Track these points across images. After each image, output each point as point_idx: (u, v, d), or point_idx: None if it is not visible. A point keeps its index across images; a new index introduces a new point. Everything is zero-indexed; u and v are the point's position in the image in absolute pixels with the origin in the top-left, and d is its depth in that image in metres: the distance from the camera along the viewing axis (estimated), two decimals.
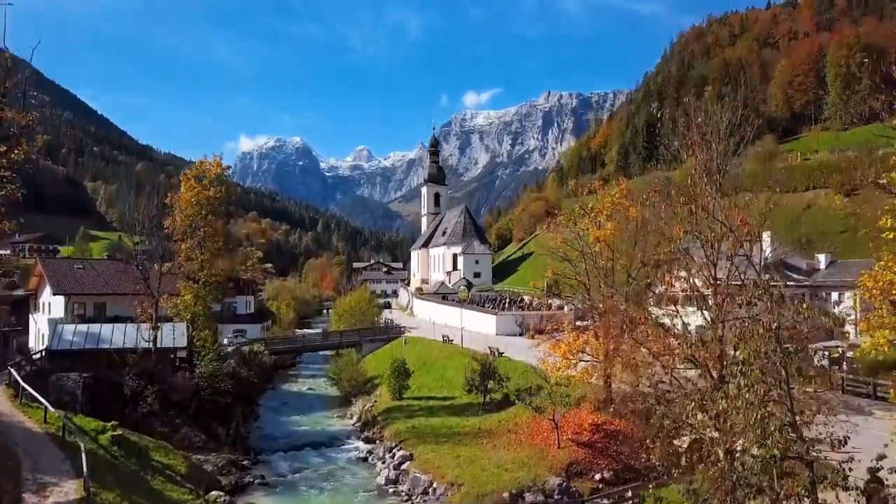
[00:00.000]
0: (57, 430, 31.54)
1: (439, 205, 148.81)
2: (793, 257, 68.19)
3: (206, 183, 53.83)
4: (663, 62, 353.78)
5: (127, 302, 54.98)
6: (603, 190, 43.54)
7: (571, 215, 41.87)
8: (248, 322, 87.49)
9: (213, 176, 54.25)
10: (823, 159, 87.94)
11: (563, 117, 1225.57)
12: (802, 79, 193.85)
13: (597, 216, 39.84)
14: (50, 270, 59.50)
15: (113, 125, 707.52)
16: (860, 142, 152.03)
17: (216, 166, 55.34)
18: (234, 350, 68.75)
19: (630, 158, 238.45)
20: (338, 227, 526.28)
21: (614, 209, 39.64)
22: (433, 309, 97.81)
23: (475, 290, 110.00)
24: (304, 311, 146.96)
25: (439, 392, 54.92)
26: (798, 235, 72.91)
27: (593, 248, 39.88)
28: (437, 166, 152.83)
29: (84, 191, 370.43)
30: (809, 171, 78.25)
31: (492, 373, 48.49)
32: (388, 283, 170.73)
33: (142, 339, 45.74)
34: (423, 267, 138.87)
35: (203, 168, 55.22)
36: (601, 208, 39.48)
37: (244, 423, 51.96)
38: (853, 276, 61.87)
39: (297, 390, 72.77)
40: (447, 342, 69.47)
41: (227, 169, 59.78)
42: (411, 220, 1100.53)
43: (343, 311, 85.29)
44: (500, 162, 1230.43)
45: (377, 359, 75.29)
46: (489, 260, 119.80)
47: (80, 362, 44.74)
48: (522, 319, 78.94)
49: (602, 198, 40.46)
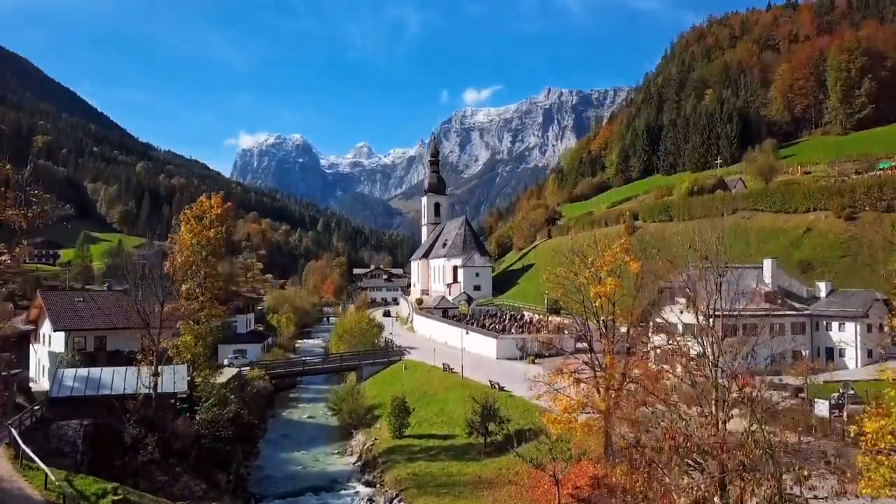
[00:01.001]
0: (58, 497, 31.54)
1: (439, 214, 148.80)
2: (793, 281, 68.21)
3: (207, 223, 53.63)
4: (664, 63, 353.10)
5: (127, 335, 55.04)
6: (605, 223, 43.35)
7: (572, 266, 41.66)
8: (248, 342, 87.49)
9: (213, 216, 54.02)
10: (822, 178, 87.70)
11: (563, 114, 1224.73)
12: (803, 83, 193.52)
13: (598, 271, 39.73)
14: (50, 304, 59.48)
15: (113, 123, 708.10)
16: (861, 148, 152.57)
17: (216, 206, 55.13)
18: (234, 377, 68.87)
19: (630, 162, 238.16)
20: (338, 226, 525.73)
21: (615, 264, 39.51)
22: (433, 326, 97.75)
23: (475, 305, 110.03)
24: (304, 321, 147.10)
25: (440, 429, 54.90)
26: (799, 258, 72.85)
27: (594, 304, 39.81)
28: (438, 176, 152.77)
29: (84, 192, 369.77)
30: (809, 192, 78.01)
31: (493, 414, 48.48)
32: (388, 290, 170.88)
33: (142, 385, 45.67)
34: (423, 278, 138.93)
35: (203, 208, 55.04)
36: (602, 263, 39.35)
37: (245, 463, 51.99)
38: (854, 307, 62.11)
39: (298, 418, 72.79)
40: (447, 371, 69.43)
41: (229, 208, 59.54)
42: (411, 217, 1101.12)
43: (343, 332, 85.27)
44: (501, 159, 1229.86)
45: (377, 384, 75.32)
46: (489, 273, 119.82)
47: (81, 409, 44.70)
48: (523, 343, 78.90)
49: (603, 249, 40.32)
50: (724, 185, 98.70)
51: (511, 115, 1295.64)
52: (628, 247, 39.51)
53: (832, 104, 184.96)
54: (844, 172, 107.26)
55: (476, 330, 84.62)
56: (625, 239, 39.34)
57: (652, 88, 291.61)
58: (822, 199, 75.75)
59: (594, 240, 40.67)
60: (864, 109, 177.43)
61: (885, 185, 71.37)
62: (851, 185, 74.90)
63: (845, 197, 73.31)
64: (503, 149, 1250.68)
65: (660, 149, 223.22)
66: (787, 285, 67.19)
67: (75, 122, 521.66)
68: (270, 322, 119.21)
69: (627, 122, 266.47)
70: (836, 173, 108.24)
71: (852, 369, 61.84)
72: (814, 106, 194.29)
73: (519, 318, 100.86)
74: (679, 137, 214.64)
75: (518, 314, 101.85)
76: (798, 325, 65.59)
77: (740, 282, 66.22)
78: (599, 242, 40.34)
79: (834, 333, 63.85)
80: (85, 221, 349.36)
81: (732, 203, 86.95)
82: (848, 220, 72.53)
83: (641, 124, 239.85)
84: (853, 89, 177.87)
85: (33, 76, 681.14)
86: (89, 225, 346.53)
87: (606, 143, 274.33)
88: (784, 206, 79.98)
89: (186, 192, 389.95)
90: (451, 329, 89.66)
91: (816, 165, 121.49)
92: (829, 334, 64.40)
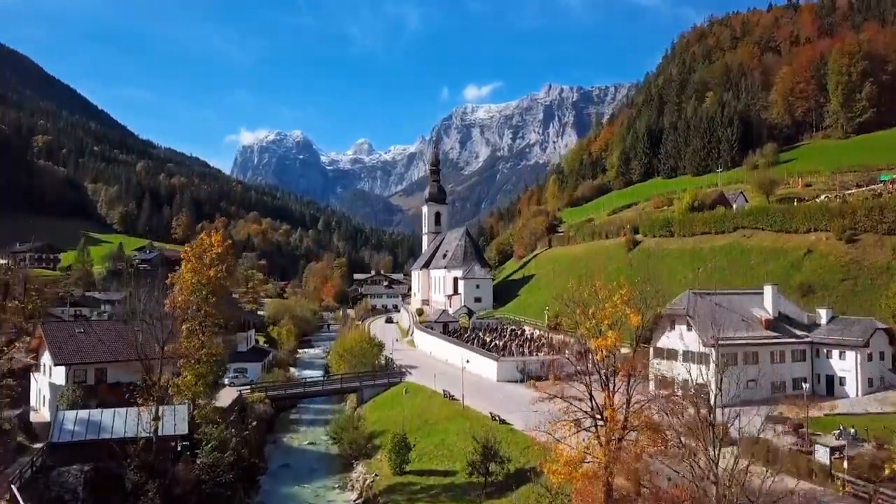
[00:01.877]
0: None
1: (440, 223, 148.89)
2: (794, 307, 68.06)
3: (207, 261, 53.54)
4: (664, 63, 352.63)
5: (127, 367, 55.08)
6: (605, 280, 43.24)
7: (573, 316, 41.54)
8: (248, 360, 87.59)
9: (213, 255, 53.90)
10: (824, 191, 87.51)
11: (563, 111, 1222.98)
12: (804, 86, 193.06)
13: (598, 324, 39.62)
14: (51, 337, 59.35)
15: (114, 121, 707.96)
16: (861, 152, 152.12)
17: (217, 244, 55.01)
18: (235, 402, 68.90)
19: (631, 165, 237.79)
20: (338, 225, 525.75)
21: (615, 315, 39.39)
22: (434, 343, 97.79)
23: (476, 318, 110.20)
24: (304, 329, 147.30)
25: (440, 463, 54.91)
26: (800, 281, 72.73)
27: (595, 357, 39.76)
28: (438, 185, 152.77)
29: (85, 192, 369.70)
30: (810, 212, 77.92)
31: (493, 454, 48.49)
32: (388, 297, 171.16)
33: (142, 430, 45.68)
34: (423, 288, 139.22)
35: (204, 246, 54.93)
36: (602, 316, 39.23)
37: (246, 500, 52.03)
38: (854, 336, 62.03)
39: (298, 445, 72.80)
40: (448, 398, 69.44)
41: (230, 246, 59.41)
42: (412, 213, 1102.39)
43: (343, 351, 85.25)
44: (501, 156, 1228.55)
45: (378, 408, 75.39)
46: (490, 284, 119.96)
47: (82, 453, 44.78)
48: (524, 366, 78.92)
49: (603, 301, 40.17)
50: (725, 199, 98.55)
51: (512, 111, 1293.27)
52: (629, 297, 39.32)
53: (833, 108, 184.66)
54: (845, 185, 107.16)
55: (476, 350, 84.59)
56: (626, 290, 39.12)
57: (652, 89, 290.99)
58: (823, 220, 75.61)
59: (595, 289, 40.43)
60: (865, 113, 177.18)
61: (885, 208, 71.25)
62: (852, 206, 74.71)
63: (846, 218, 73.18)
64: (504, 146, 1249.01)
65: (660, 152, 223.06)
66: (788, 311, 67.08)
67: (75, 120, 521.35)
68: (271, 334, 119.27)
69: (628, 123, 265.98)
70: (837, 185, 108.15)
71: (853, 398, 61.75)
72: (815, 109, 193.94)
73: (520, 333, 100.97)
74: (680, 141, 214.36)
75: (519, 329, 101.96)
76: (798, 353, 65.53)
77: (742, 308, 66.60)
78: (600, 291, 40.09)
79: (834, 361, 63.75)
80: (85, 222, 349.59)
81: (733, 221, 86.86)
82: (849, 242, 72.41)
83: (642, 127, 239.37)
84: (854, 93, 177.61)
85: (33, 74, 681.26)
86: (89, 226, 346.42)
87: (607, 145, 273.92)
88: (785, 226, 79.86)
89: (187, 192, 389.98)
90: (452, 347, 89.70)
91: (817, 176, 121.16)
92: (829, 362, 64.31)
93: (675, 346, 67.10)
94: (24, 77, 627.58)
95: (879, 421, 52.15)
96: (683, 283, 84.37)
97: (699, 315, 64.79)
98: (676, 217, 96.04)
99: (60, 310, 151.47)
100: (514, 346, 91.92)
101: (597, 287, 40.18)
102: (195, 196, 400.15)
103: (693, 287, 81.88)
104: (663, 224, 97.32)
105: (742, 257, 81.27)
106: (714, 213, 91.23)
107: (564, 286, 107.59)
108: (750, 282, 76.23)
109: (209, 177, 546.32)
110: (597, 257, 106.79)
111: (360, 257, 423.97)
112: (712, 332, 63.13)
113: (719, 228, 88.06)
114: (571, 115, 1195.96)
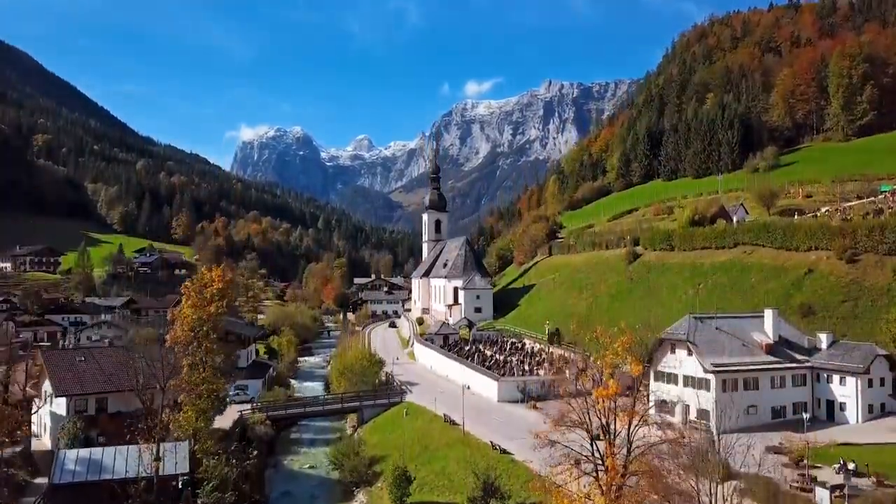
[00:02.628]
0: None
1: (440, 231, 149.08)
2: (794, 330, 68.03)
3: (208, 296, 53.45)
4: (665, 62, 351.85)
5: (128, 396, 55.19)
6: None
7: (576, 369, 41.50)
8: (249, 377, 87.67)
9: (214, 290, 53.82)
10: (822, 216, 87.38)
11: (564, 107, 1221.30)
12: (804, 88, 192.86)
13: (599, 373, 39.61)
14: (51, 367, 59.40)
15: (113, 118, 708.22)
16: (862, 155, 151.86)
17: (218, 279, 54.93)
18: (236, 424, 69.00)
19: (631, 167, 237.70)
20: (339, 224, 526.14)
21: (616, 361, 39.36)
22: (434, 358, 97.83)
23: (476, 330, 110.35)
24: (304, 336, 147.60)
25: (440, 495, 54.91)
26: (800, 301, 72.67)
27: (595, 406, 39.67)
28: (438, 193, 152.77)
29: (85, 192, 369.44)
30: (811, 231, 77.87)
31: (494, 490, 48.56)
32: (388, 303, 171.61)
33: (143, 470, 45.71)
34: (424, 296, 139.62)
35: (204, 280, 54.87)
36: (604, 364, 39.19)
37: None
38: (855, 362, 62.03)
39: (299, 468, 72.81)
40: (449, 422, 69.47)
41: (229, 282, 59.39)
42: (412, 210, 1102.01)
43: (344, 369, 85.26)
44: (501, 152, 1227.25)
45: (378, 430, 75.47)
46: (490, 294, 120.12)
47: (83, 495, 44.86)
48: (524, 385, 78.96)
49: (604, 347, 40.13)
50: (726, 213, 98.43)
51: (512, 107, 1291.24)
52: (630, 345, 39.30)
53: (834, 111, 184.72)
54: (846, 196, 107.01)
55: (477, 369, 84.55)
56: (626, 337, 39.06)
57: (653, 90, 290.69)
58: (824, 239, 75.53)
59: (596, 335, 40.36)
60: (866, 116, 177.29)
61: (886, 228, 71.19)
62: (853, 226, 74.64)
63: (847, 238, 73.13)
64: (504, 141, 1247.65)
65: (661, 154, 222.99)
66: (788, 335, 67.08)
67: (75, 118, 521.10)
68: (271, 345, 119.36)
69: (628, 124, 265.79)
70: (838, 196, 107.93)
71: (853, 424, 61.87)
72: (815, 112, 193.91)
73: (520, 346, 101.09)
74: (680, 143, 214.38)
75: (519, 342, 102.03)
76: (799, 378, 65.56)
77: (742, 332, 66.57)
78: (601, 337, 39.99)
79: (835, 387, 63.78)
80: (85, 222, 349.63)
81: (734, 236, 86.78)
82: (849, 262, 72.35)
83: (643, 128, 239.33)
84: (855, 96, 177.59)
85: (33, 70, 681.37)
86: (90, 226, 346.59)
87: (607, 145, 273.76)
88: (785, 244, 79.79)
89: (187, 192, 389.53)
90: (453, 364, 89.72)
91: (818, 186, 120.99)
92: (829, 387, 64.34)
93: (676, 370, 67.18)
94: (24, 74, 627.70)
95: (880, 453, 52.21)
96: (684, 300, 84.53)
97: (700, 340, 64.79)
98: (677, 231, 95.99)
99: (60, 317, 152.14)
100: (514, 360, 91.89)
101: (597, 332, 40.11)
102: (195, 195, 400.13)
103: (694, 303, 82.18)
104: (664, 238, 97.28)
105: (742, 275, 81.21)
106: (715, 228, 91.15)
107: (565, 298, 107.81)
108: (750, 301, 76.26)
109: (209, 175, 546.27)
110: (597, 269, 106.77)
111: (360, 256, 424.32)
112: (712, 358, 63.35)
113: (720, 244, 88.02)
114: (572, 112, 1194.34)
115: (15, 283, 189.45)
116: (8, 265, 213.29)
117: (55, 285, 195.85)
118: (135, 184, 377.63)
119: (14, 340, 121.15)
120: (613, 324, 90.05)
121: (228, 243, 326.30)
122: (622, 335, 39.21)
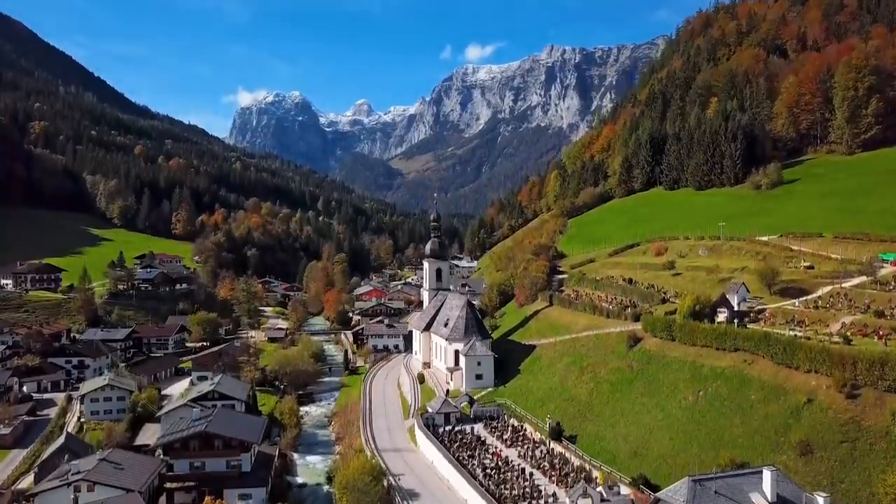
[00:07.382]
0: None
1: (441, 279, 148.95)
2: (792, 486, 67.73)
3: None
4: (668, 50, 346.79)
5: None
6: None
7: None
8: (252, 484, 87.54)
9: None
10: (825, 345, 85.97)
11: (566, 73, 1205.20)
12: (809, 98, 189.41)
13: None
14: None
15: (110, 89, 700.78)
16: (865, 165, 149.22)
17: None
18: None
19: (633, 173, 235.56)
20: (339, 206, 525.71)
21: None
22: (436, 455, 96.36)
23: (477, 406, 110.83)
24: (305, 380, 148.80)
25: None
26: (799, 437, 72.45)
27: None
28: (440, 242, 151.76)
29: (83, 184, 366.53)
30: (812, 352, 77.07)
31: None
32: (389, 337, 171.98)
33: None
34: (425, 350, 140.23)
35: None
36: None
37: None
38: None
39: None
40: None
41: None
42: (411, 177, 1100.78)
43: (346, 484, 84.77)
44: (502, 118, 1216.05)
45: None
46: (491, 361, 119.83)
47: None
48: None
49: None
50: (727, 301, 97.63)
51: (513, 72, 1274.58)
52: None
53: (838, 123, 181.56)
54: (848, 273, 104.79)
55: (477, 489, 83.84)
56: None
57: (655, 86, 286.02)
58: (825, 365, 74.79)
59: None
60: (871, 130, 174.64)
61: (886, 364, 70.40)
62: (854, 355, 73.87)
63: (847, 370, 72.53)
64: (505, 108, 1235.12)
65: (663, 161, 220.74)
66: (787, 493, 66.77)
67: (73, 101, 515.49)
68: (274, 415, 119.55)
69: (630, 124, 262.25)
70: (841, 272, 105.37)
71: None
72: (820, 123, 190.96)
73: (520, 429, 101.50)
74: (682, 152, 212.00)
75: (520, 426, 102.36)
76: None
77: (741, 494, 66.51)
78: None
79: None
80: (85, 216, 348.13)
81: (734, 341, 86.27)
82: (849, 398, 71.92)
83: (645, 133, 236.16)
84: (860, 109, 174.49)
85: (26, 39, 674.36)
86: (90, 220, 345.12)
87: (609, 145, 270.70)
88: (786, 360, 79.29)
89: (186, 189, 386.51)
90: (454, 473, 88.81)
91: (817, 243, 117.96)
92: None
93: None
94: (18, 45, 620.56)
95: None
96: (684, 406, 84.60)
97: None
98: (678, 322, 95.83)
99: (64, 360, 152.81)
100: (513, 441, 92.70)
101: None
102: (193, 185, 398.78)
103: (693, 413, 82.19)
104: (665, 326, 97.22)
105: (742, 388, 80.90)
106: (715, 328, 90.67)
107: (566, 375, 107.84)
108: (749, 424, 76.05)
109: (208, 154, 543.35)
110: (597, 348, 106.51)
111: (360, 244, 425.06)
112: None
113: (720, 345, 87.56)
114: (573, 77, 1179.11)
115: (18, 304, 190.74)
116: (9, 282, 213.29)
117: (57, 306, 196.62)
118: (133, 177, 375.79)
119: (18, 404, 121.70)
120: (613, 420, 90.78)
121: (228, 239, 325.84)
122: None
